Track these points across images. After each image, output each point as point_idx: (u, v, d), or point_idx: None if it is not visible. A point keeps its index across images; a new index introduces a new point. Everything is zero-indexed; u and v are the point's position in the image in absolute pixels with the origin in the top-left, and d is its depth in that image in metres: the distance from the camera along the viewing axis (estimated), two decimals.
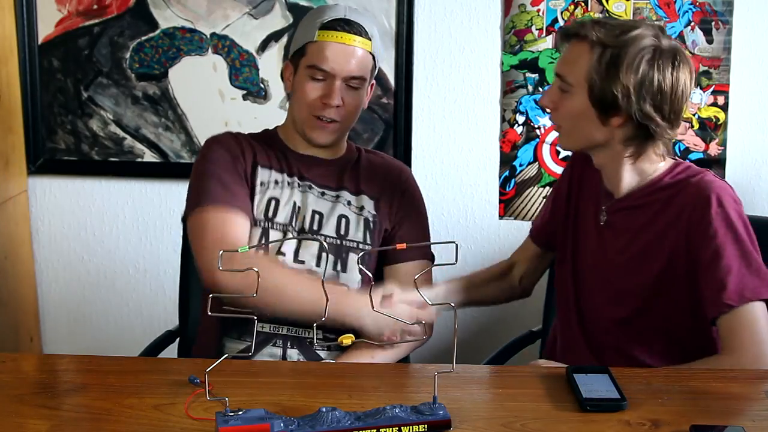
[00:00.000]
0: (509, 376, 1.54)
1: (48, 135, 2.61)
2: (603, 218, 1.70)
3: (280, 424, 1.24)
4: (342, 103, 1.80)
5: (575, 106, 1.60)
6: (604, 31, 1.56)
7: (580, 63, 1.58)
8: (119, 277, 2.69)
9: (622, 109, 1.56)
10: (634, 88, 1.54)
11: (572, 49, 1.61)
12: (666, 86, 1.55)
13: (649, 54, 1.54)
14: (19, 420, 1.32)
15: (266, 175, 1.85)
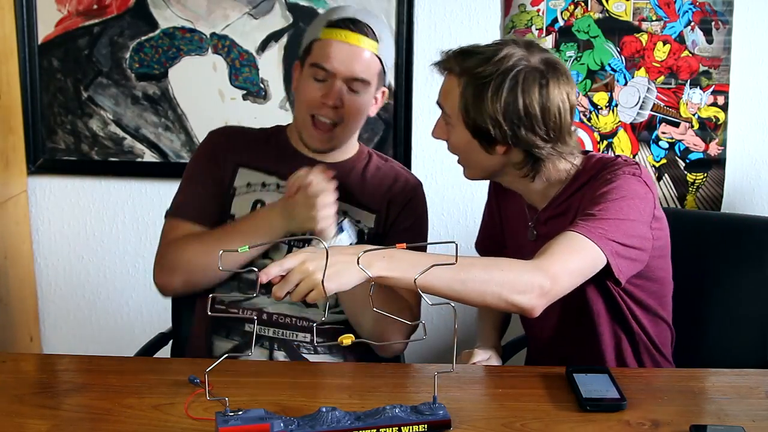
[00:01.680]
0: (509, 376, 1.54)
1: (48, 135, 2.61)
2: (533, 233, 1.68)
3: (280, 424, 1.24)
4: (341, 105, 1.73)
5: (459, 138, 1.58)
6: (468, 62, 1.51)
7: (452, 95, 1.55)
8: (119, 277, 2.69)
9: (497, 138, 1.52)
10: (503, 116, 1.49)
11: (445, 81, 1.58)
12: (535, 108, 1.49)
13: (512, 79, 1.48)
14: (19, 420, 1.32)
15: (253, 176, 1.82)
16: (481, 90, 1.50)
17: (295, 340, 1.76)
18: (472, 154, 1.59)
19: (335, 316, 1.80)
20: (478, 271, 1.39)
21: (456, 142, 1.60)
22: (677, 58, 2.47)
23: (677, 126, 2.51)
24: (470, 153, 1.59)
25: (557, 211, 1.64)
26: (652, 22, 2.46)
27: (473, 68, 1.51)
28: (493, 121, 1.50)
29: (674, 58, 2.47)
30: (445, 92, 1.58)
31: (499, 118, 1.49)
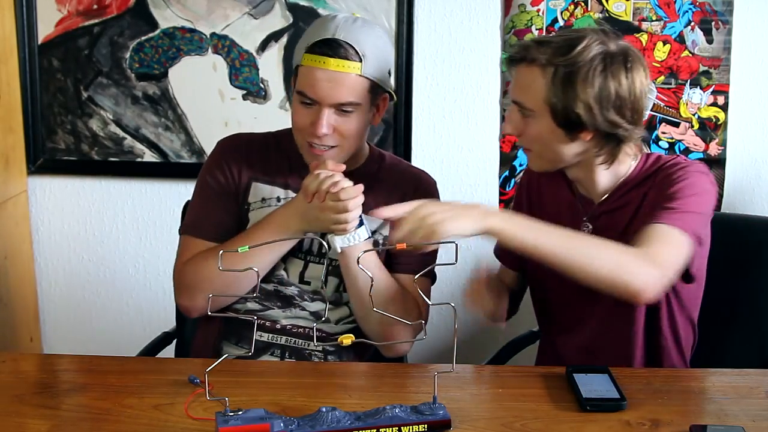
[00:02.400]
0: (509, 376, 1.54)
1: (48, 135, 2.61)
2: (587, 228, 1.68)
3: (280, 424, 1.24)
4: (332, 131, 1.68)
5: (541, 130, 1.57)
6: (551, 51, 1.53)
7: (534, 87, 1.55)
8: (119, 277, 2.69)
9: (587, 125, 1.54)
10: (595, 101, 1.51)
11: (523, 75, 1.58)
12: (623, 91, 1.53)
13: (600, 64, 1.52)
14: (19, 420, 1.32)
15: (267, 191, 1.79)
16: (571, 77, 1.51)
17: (307, 348, 1.76)
18: (553, 144, 1.59)
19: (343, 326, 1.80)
20: (588, 244, 1.46)
21: (537, 134, 1.58)
22: (677, 58, 2.47)
23: (677, 126, 2.51)
24: (551, 143, 1.59)
25: (616, 204, 1.66)
26: (652, 22, 2.46)
27: (560, 56, 1.52)
28: (585, 106, 1.51)
29: (674, 58, 2.47)
30: (524, 86, 1.57)
31: (591, 103, 1.51)
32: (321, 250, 1.77)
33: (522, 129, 1.60)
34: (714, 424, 1.29)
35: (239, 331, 1.78)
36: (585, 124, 1.54)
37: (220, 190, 1.79)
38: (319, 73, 1.65)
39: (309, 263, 1.77)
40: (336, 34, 1.66)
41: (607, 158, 1.61)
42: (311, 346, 1.76)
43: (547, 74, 1.53)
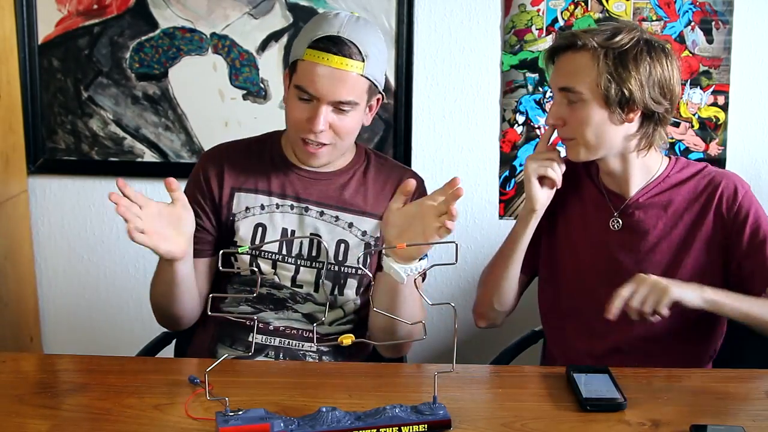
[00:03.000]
0: (509, 376, 1.54)
1: (48, 135, 2.61)
2: (617, 223, 1.73)
3: (280, 424, 1.24)
4: (328, 128, 1.67)
5: (591, 115, 1.63)
6: (598, 36, 1.62)
7: (586, 71, 1.61)
8: (119, 277, 2.69)
9: (638, 103, 1.61)
10: (645, 78, 1.60)
11: (571, 61, 1.64)
12: (666, 74, 1.63)
13: (645, 48, 1.62)
14: (19, 420, 1.32)
15: (251, 200, 1.78)
16: (622, 57, 1.60)
17: (301, 349, 1.76)
18: (602, 128, 1.64)
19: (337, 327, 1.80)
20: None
21: (586, 119, 1.63)
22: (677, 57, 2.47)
23: (677, 126, 2.51)
24: (600, 127, 1.64)
25: (650, 200, 1.72)
26: (652, 22, 2.46)
27: (608, 41, 1.61)
28: (637, 83, 1.60)
29: None
30: (573, 71, 1.63)
31: (642, 80, 1.60)
32: (311, 254, 1.77)
33: (568, 117, 1.66)
34: (714, 424, 1.29)
35: (233, 334, 1.78)
36: (634, 103, 1.61)
37: (199, 206, 1.79)
38: (321, 70, 1.63)
39: (300, 267, 1.77)
40: (340, 31, 1.65)
41: (644, 143, 1.67)
42: (305, 347, 1.76)
43: (597, 57, 1.60)
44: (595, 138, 1.65)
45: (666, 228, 1.71)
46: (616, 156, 1.70)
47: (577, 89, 1.63)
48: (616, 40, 1.61)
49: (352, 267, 1.77)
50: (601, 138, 1.65)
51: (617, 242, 1.73)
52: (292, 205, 1.77)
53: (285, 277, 1.77)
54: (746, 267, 1.68)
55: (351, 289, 1.78)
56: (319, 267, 1.76)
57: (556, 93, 1.68)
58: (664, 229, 1.71)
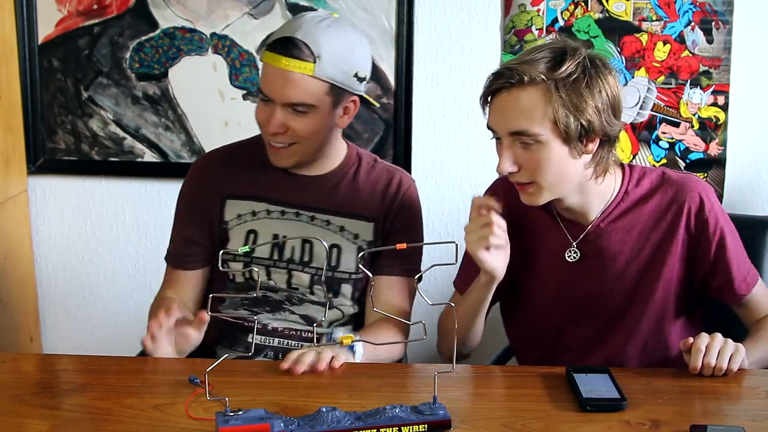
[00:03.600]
0: (509, 376, 1.54)
1: (48, 135, 2.61)
2: (574, 254, 1.64)
3: (280, 424, 1.24)
4: (284, 130, 1.67)
5: (551, 155, 1.50)
6: (543, 67, 1.48)
7: (538, 109, 1.48)
8: (119, 277, 2.68)
9: (597, 131, 1.51)
10: (602, 104, 1.50)
11: (517, 100, 1.49)
12: (613, 92, 1.52)
13: (591, 69, 1.50)
14: (19, 420, 1.32)
15: (242, 207, 1.78)
16: (577, 87, 1.47)
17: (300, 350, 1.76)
18: (562, 166, 1.52)
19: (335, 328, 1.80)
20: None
21: (545, 160, 1.51)
22: (677, 58, 2.47)
23: (677, 126, 2.51)
24: (561, 165, 1.52)
25: (616, 226, 1.62)
26: (652, 22, 2.46)
27: (556, 69, 1.47)
28: (595, 112, 1.48)
29: (674, 58, 2.47)
30: (523, 112, 1.49)
31: (600, 108, 1.49)
32: (303, 259, 1.76)
33: (524, 161, 1.53)
34: (714, 424, 1.29)
35: (232, 335, 1.78)
36: (594, 132, 1.50)
37: (192, 217, 1.82)
38: (273, 71, 1.66)
39: (292, 271, 1.77)
40: (295, 33, 1.64)
41: (601, 169, 1.58)
42: (304, 347, 1.76)
43: (549, 91, 1.47)
44: (557, 178, 1.53)
45: (633, 252, 1.63)
46: (575, 190, 1.58)
47: (533, 131, 1.48)
48: (564, 69, 1.47)
49: (346, 272, 1.77)
50: (563, 176, 1.53)
51: (579, 273, 1.64)
52: (283, 211, 1.77)
53: (280, 281, 1.77)
54: (713, 282, 1.65)
55: (346, 295, 1.79)
56: (311, 273, 1.76)
57: (505, 137, 1.53)
58: (631, 253, 1.63)
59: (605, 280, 1.64)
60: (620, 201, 1.63)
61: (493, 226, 1.55)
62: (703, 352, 1.45)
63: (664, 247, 1.63)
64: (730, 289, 1.65)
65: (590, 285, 1.65)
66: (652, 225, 1.63)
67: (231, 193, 1.79)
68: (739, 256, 1.66)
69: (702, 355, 1.45)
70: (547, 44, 1.55)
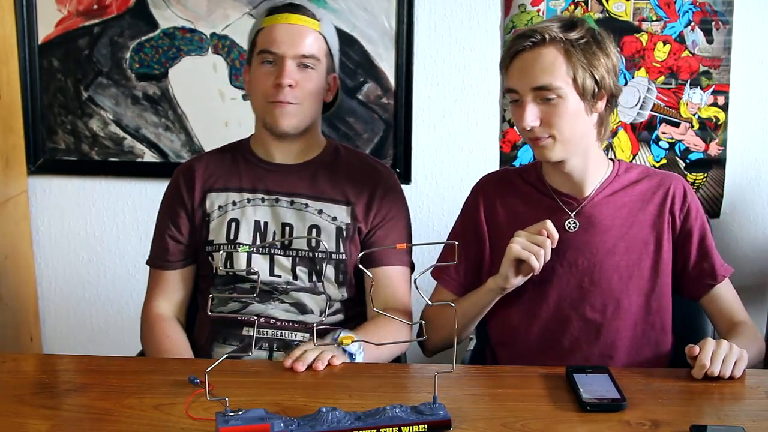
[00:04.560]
0: (509, 376, 1.54)
1: (48, 135, 2.61)
2: (573, 224, 1.70)
3: (280, 424, 1.24)
4: (296, 84, 1.74)
5: (571, 108, 1.61)
6: (559, 30, 1.60)
7: (557, 65, 1.59)
8: (119, 277, 2.69)
9: (606, 89, 1.63)
10: (610, 65, 1.63)
11: (539, 57, 1.60)
12: (615, 58, 1.66)
13: (599, 37, 1.64)
14: (19, 420, 1.32)
15: (222, 198, 1.82)
16: (590, 48, 1.60)
17: (295, 339, 1.77)
18: (578, 121, 1.63)
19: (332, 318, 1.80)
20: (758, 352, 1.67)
21: (567, 114, 1.61)
22: (677, 58, 2.47)
23: (677, 126, 2.51)
24: (578, 120, 1.62)
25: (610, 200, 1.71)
26: (652, 22, 2.46)
27: (569, 32, 1.60)
28: (606, 70, 1.62)
29: (674, 58, 2.47)
30: (545, 67, 1.59)
31: (609, 67, 1.63)
32: (284, 243, 1.79)
33: (547, 115, 1.61)
34: (714, 424, 1.29)
35: (226, 330, 1.78)
36: (603, 89, 1.62)
37: (171, 219, 1.85)
38: (281, 27, 1.75)
39: (275, 256, 1.79)
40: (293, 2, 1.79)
41: (604, 131, 1.69)
42: (298, 337, 1.77)
43: (567, 50, 1.59)
44: (572, 132, 1.63)
45: (623, 228, 1.69)
46: (581, 152, 1.67)
47: (556, 84, 1.59)
48: (576, 32, 1.61)
49: (326, 252, 1.79)
50: (577, 131, 1.63)
51: (575, 244, 1.69)
52: (263, 198, 1.81)
53: (262, 270, 1.79)
54: (696, 265, 1.72)
55: (330, 278, 1.80)
56: (292, 255, 1.79)
57: (528, 93, 1.61)
58: (621, 230, 1.69)
59: (596, 254, 1.69)
60: (612, 180, 1.73)
61: (542, 251, 1.59)
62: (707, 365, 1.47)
63: (651, 229, 1.71)
64: (711, 272, 1.72)
65: (582, 259, 1.70)
66: (640, 205, 1.71)
67: (212, 186, 1.84)
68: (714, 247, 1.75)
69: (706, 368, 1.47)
70: (555, 17, 1.70)
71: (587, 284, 1.69)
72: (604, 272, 1.69)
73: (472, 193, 1.85)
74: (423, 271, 1.53)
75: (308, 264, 1.79)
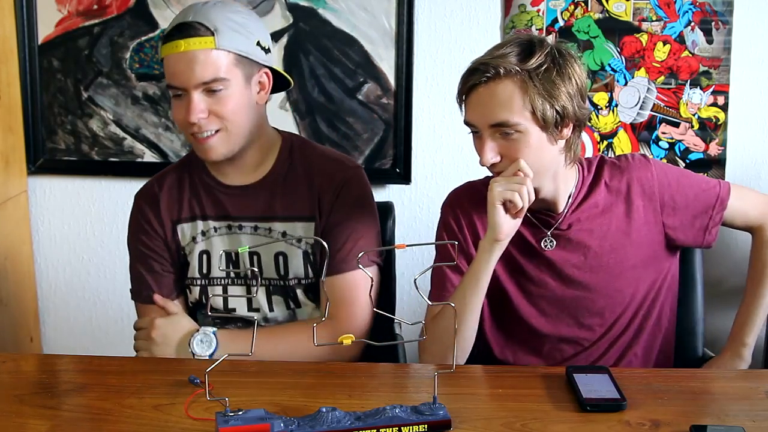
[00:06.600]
0: (509, 376, 1.54)
1: (48, 135, 2.61)
2: (549, 243, 1.68)
3: (280, 424, 1.24)
4: (207, 115, 1.63)
5: (533, 141, 1.55)
6: (515, 59, 1.53)
7: (514, 99, 1.52)
8: (119, 277, 2.68)
9: (570, 116, 1.56)
10: (574, 90, 1.55)
11: (494, 92, 1.54)
12: (582, 78, 1.58)
13: (559, 58, 1.55)
14: (19, 420, 1.32)
15: (192, 228, 1.77)
16: (549, 76, 1.53)
17: None
18: (542, 153, 1.57)
19: None
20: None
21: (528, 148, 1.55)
22: (677, 58, 2.47)
23: (677, 126, 2.51)
24: (540, 153, 1.57)
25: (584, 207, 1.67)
26: (652, 23, 2.46)
27: (527, 61, 1.53)
28: (568, 98, 1.54)
29: (674, 58, 2.47)
30: (501, 103, 1.53)
31: (571, 93, 1.55)
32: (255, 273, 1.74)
33: (505, 151, 1.57)
34: (714, 424, 1.29)
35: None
36: (567, 117, 1.55)
37: (145, 252, 1.80)
38: (175, 59, 1.62)
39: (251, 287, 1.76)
40: (185, 19, 1.63)
41: (572, 155, 1.63)
42: None
43: (524, 82, 1.52)
44: (536, 165, 1.57)
45: (603, 228, 1.67)
46: (550, 177, 1.62)
47: (513, 121, 1.53)
48: (535, 60, 1.52)
49: (296, 278, 1.74)
50: (542, 162, 1.58)
51: (558, 258, 1.67)
52: (229, 225, 1.75)
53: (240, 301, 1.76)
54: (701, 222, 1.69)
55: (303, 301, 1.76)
56: (265, 284, 1.75)
57: (486, 130, 1.57)
58: (602, 230, 1.67)
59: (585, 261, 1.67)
60: (581, 185, 1.69)
61: (524, 188, 1.55)
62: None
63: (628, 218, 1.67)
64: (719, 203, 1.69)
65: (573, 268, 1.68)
66: (612, 199, 1.68)
67: (179, 217, 1.78)
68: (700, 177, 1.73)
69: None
70: (513, 38, 1.60)
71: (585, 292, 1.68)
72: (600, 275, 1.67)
73: (447, 209, 1.78)
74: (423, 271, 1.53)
75: (281, 292, 1.75)
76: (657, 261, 1.70)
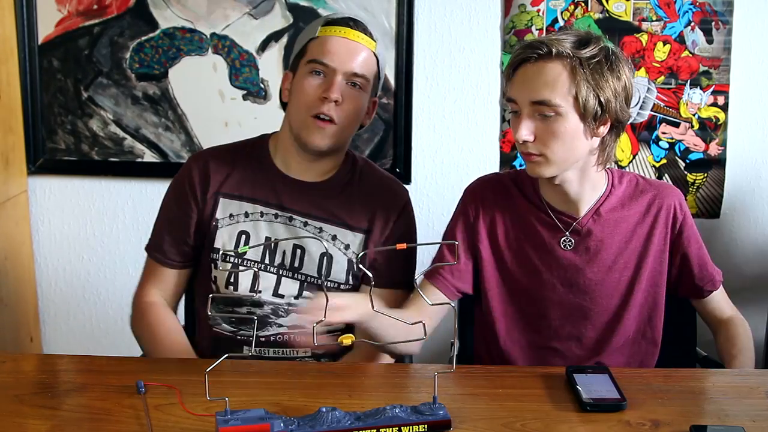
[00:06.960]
0: (509, 376, 1.54)
1: (48, 135, 2.61)
2: (569, 242, 1.67)
3: (280, 424, 1.24)
4: (341, 100, 1.66)
5: (567, 129, 1.53)
6: (570, 45, 1.53)
7: (561, 82, 1.52)
8: (119, 277, 2.69)
9: (610, 114, 1.55)
10: (620, 89, 1.55)
11: (543, 71, 1.53)
12: (629, 83, 1.58)
13: (612, 56, 1.56)
14: (19, 420, 1.32)
15: (235, 206, 1.75)
16: (600, 67, 1.53)
17: (297, 356, 1.75)
18: (574, 143, 1.55)
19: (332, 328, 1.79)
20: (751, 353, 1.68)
21: (563, 132, 1.54)
22: (677, 58, 2.47)
23: (677, 126, 2.51)
24: (573, 141, 1.55)
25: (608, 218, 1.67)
26: (652, 23, 2.46)
27: (580, 49, 1.53)
28: (613, 94, 1.54)
29: (674, 58, 2.47)
30: (547, 82, 1.52)
31: (618, 90, 1.54)
32: (294, 264, 1.74)
33: (539, 131, 1.55)
34: (714, 424, 1.29)
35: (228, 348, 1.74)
36: (606, 114, 1.55)
37: (179, 214, 1.77)
38: (339, 41, 1.68)
39: (282, 277, 1.75)
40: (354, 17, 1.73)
41: (604, 159, 1.62)
42: (301, 352, 1.75)
43: (573, 66, 1.52)
44: (566, 153, 1.56)
45: (621, 243, 1.67)
46: (575, 172, 1.61)
47: (555, 101, 1.52)
48: (588, 49, 1.53)
49: (335, 282, 1.75)
50: (571, 153, 1.56)
51: (572, 263, 1.67)
52: (276, 214, 1.75)
53: (266, 289, 1.74)
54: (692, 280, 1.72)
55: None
56: (301, 279, 1.74)
57: (526, 106, 1.54)
58: (620, 245, 1.66)
59: (598, 272, 1.67)
60: (608, 196, 1.68)
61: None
62: None
63: (648, 242, 1.68)
64: (711, 280, 1.73)
65: (583, 278, 1.67)
66: (638, 219, 1.68)
67: (225, 191, 1.76)
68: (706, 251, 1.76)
69: None
70: (572, 29, 1.63)
71: (588, 303, 1.68)
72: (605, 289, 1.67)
73: (469, 196, 1.79)
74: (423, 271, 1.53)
75: (314, 289, 1.74)
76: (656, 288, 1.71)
